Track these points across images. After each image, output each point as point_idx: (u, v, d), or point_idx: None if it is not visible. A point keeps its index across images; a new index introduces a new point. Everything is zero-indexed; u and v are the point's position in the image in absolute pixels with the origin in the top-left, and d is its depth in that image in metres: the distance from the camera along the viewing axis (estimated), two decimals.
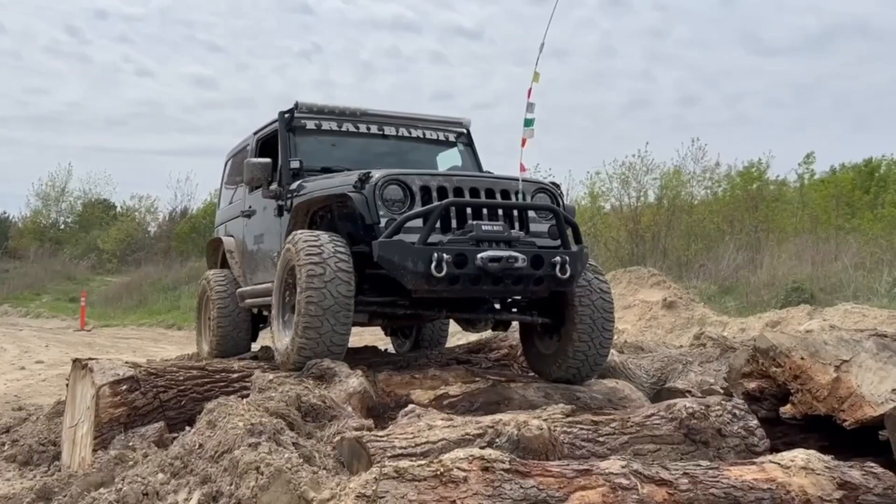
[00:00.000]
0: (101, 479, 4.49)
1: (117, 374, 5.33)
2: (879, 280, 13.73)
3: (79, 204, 39.56)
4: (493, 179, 5.41)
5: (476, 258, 4.85)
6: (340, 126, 6.52)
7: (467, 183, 5.24)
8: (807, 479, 3.53)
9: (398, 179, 5.11)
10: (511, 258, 4.91)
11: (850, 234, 16.94)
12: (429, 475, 3.11)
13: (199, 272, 24.73)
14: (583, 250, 5.28)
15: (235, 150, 7.72)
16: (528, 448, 4.00)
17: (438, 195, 5.10)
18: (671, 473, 3.40)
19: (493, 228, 5.07)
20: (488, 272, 4.88)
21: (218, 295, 7.14)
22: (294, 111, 6.40)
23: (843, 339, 4.96)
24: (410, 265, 4.79)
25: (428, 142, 6.91)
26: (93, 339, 16.24)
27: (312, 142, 6.41)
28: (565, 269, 5.05)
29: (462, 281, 4.91)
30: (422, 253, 4.80)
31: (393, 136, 6.70)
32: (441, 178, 5.21)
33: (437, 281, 4.82)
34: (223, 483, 3.76)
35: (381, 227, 4.98)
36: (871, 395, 4.57)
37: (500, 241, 5.05)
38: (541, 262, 5.02)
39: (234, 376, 5.84)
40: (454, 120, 7.11)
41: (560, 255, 5.08)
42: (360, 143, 6.58)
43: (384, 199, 5.04)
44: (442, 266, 4.78)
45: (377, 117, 6.67)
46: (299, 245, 5.01)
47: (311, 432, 4.51)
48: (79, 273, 30.99)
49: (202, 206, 32.22)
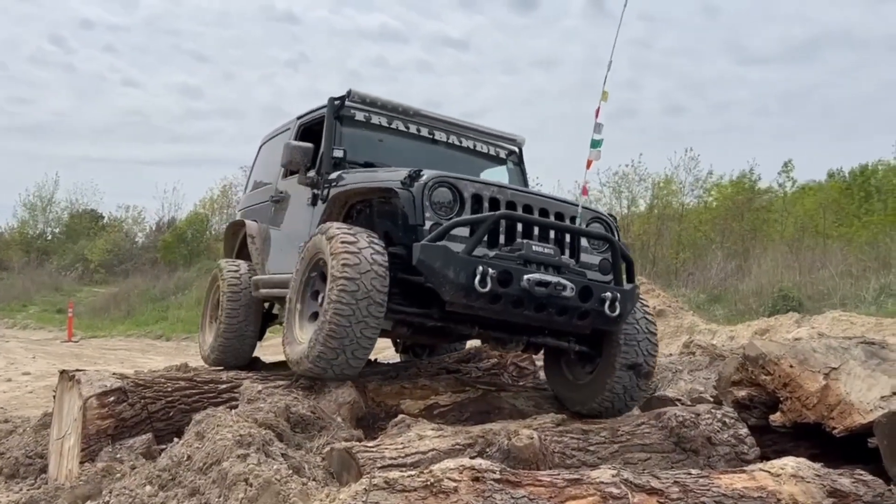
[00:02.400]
0: (89, 492, 4.46)
1: (105, 385, 5.29)
2: (866, 288, 13.80)
3: (66, 214, 39.41)
4: (548, 199, 5.05)
5: (522, 279, 4.50)
6: (390, 123, 6.18)
7: (521, 198, 4.89)
8: (797, 487, 3.54)
9: (450, 182, 4.76)
10: (559, 285, 4.56)
11: (836, 241, 17.03)
12: (419, 486, 3.10)
13: (188, 283, 24.70)
14: (635, 289, 4.95)
15: (273, 133, 7.32)
16: (519, 458, 3.99)
17: (490, 206, 4.78)
18: (662, 482, 3.40)
19: (544, 250, 4.72)
20: (533, 296, 4.53)
21: (230, 287, 6.74)
22: (345, 99, 6.04)
23: (832, 346, 4.97)
24: (452, 275, 4.44)
25: (477, 154, 6.57)
26: (80, 351, 16.14)
27: (358, 134, 6.05)
28: (615, 307, 4.72)
29: (503, 301, 4.54)
30: (466, 263, 4.44)
31: (443, 142, 6.38)
32: (494, 189, 4.84)
33: (478, 296, 4.47)
34: (212, 495, 3.74)
35: (425, 229, 4.63)
36: (859, 402, 4.58)
37: (548, 265, 4.70)
38: (589, 295, 4.67)
39: (223, 387, 5.81)
40: (509, 136, 6.78)
41: (612, 291, 4.73)
42: (408, 143, 6.24)
43: (432, 200, 4.70)
44: (486, 281, 4.42)
45: (430, 120, 6.35)
46: (332, 233, 4.67)
47: (301, 443, 4.49)
48: (66, 284, 30.82)
49: (188, 216, 32.12)
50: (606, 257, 5.04)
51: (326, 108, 6.03)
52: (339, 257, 4.49)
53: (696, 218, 21.79)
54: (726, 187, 22.17)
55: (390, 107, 6.17)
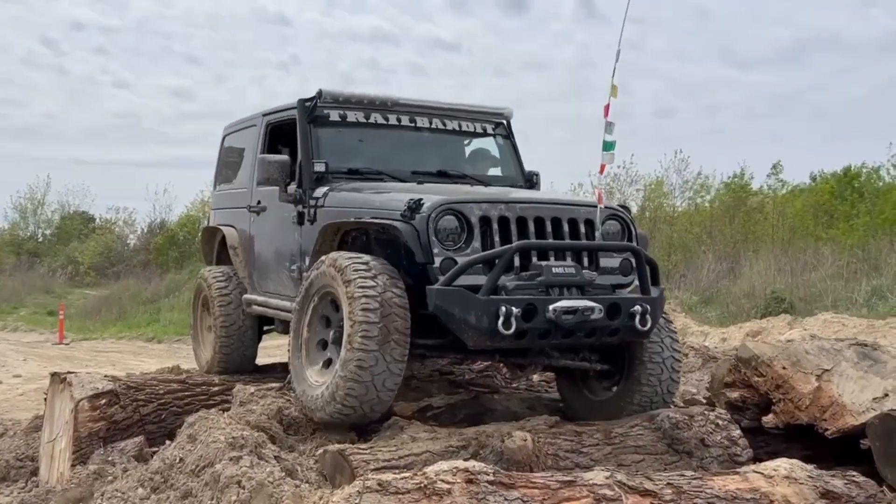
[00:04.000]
0: (80, 495, 4.44)
1: (96, 387, 5.27)
2: (858, 290, 13.85)
3: (57, 216, 39.28)
4: (559, 206, 4.73)
5: (548, 310, 4.21)
6: (368, 117, 5.73)
7: (531, 211, 4.58)
8: (790, 488, 3.54)
9: (455, 209, 4.42)
10: (587, 309, 4.27)
11: (827, 243, 17.10)
12: (412, 488, 3.09)
13: (179, 285, 24.61)
14: (662, 294, 4.70)
15: (237, 126, 6.84)
16: (512, 460, 3.99)
17: (499, 226, 4.47)
18: (655, 484, 3.40)
19: (565, 271, 4.44)
20: (560, 326, 4.24)
21: (220, 297, 6.39)
22: (317, 100, 5.59)
23: (824, 348, 4.99)
24: (473, 320, 4.13)
25: (465, 134, 6.19)
26: (71, 353, 16.07)
27: (336, 135, 5.64)
28: (645, 321, 4.45)
29: (530, 335, 4.27)
30: (487, 306, 4.13)
31: (426, 128, 5.94)
32: (503, 207, 4.52)
33: (503, 338, 4.16)
34: (204, 498, 3.73)
35: (436, 267, 4.31)
36: (852, 403, 4.59)
37: (571, 286, 4.43)
38: (618, 312, 4.40)
39: (215, 389, 5.80)
40: (494, 110, 6.32)
41: (640, 304, 4.46)
42: (390, 136, 5.84)
43: (438, 232, 4.36)
44: (510, 322, 4.12)
45: (409, 107, 5.91)
46: (348, 275, 4.31)
47: (294, 445, 4.49)
48: (57, 286, 30.68)
49: (180, 218, 32.03)
50: (627, 257, 4.79)
51: (297, 111, 5.63)
52: (358, 302, 4.18)
53: (688, 220, 21.84)
54: (720, 189, 22.24)
55: (366, 101, 5.76)
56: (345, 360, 4.19)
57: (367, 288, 4.20)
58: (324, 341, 4.65)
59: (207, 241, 7.23)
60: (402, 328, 4.19)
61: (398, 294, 4.25)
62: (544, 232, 4.57)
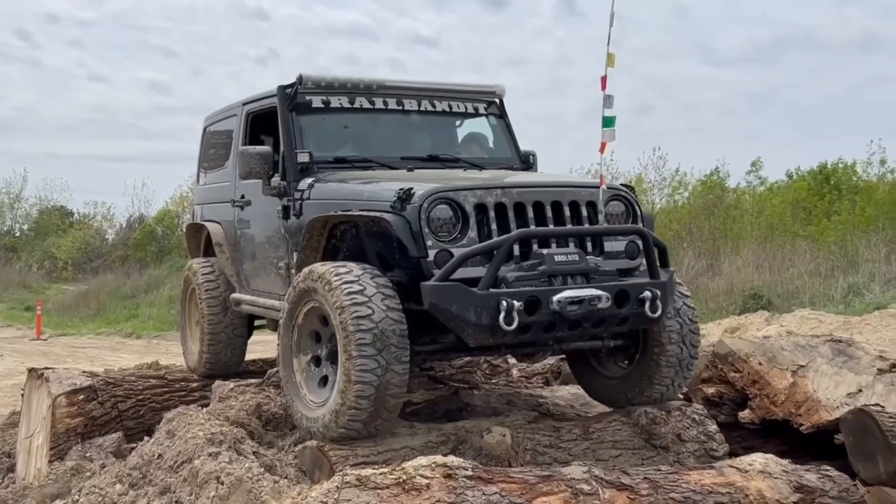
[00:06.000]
0: (58, 491, 4.43)
1: (74, 383, 5.25)
2: (835, 286, 13.97)
3: (34, 211, 38.93)
4: (559, 188, 4.47)
5: (552, 301, 3.91)
6: (353, 102, 5.42)
7: (530, 196, 4.31)
8: (764, 482, 3.59)
9: (448, 198, 4.15)
10: (593, 299, 3.98)
11: (805, 241, 17.23)
12: (391, 483, 3.10)
13: (158, 280, 24.46)
14: (672, 276, 4.41)
15: (217, 116, 6.55)
16: (491, 455, 4.01)
17: (496, 213, 4.20)
18: (632, 478, 3.44)
19: (568, 258, 4.14)
20: (565, 317, 3.96)
21: (207, 291, 6.13)
22: (298, 86, 5.27)
23: (800, 344, 5.05)
24: (473, 317, 3.85)
25: (455, 115, 5.86)
26: (49, 349, 15.94)
27: (319, 123, 5.33)
28: (655, 307, 4.15)
29: (534, 329, 3.99)
30: (487, 300, 3.84)
31: (414, 110, 5.63)
32: (499, 192, 4.25)
33: (505, 333, 3.88)
34: (183, 493, 3.73)
35: (430, 261, 4.04)
36: (826, 399, 4.65)
37: (575, 274, 4.14)
38: (626, 300, 4.11)
39: (194, 385, 5.80)
40: (485, 88, 5.97)
41: (649, 289, 4.15)
42: (376, 120, 5.54)
43: (431, 222, 4.09)
44: (512, 317, 3.83)
45: (395, 89, 5.58)
46: (331, 282, 4.04)
47: (273, 441, 4.49)
48: (34, 281, 30.40)
49: (158, 213, 31.83)
50: (633, 240, 4.51)
51: (277, 98, 5.32)
52: (348, 311, 3.90)
53: (667, 217, 21.94)
54: (697, 186, 22.35)
55: (350, 84, 5.43)
56: (343, 375, 3.91)
57: (355, 294, 3.93)
58: (317, 359, 4.38)
59: (193, 237, 6.98)
60: (400, 332, 3.92)
61: (388, 295, 3.99)
62: (544, 217, 4.31)
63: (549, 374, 6.18)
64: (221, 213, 6.21)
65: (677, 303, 4.60)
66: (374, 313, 3.88)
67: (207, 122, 6.76)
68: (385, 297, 3.97)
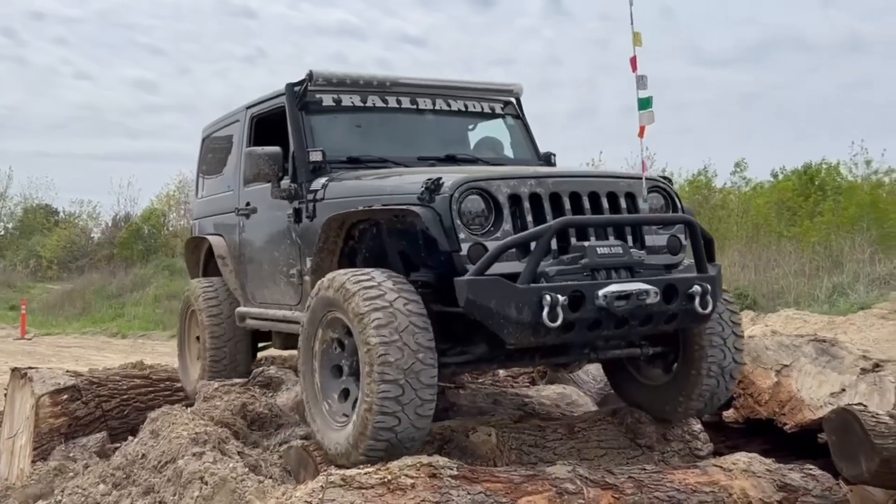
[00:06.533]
0: (41, 491, 4.41)
1: (58, 383, 5.23)
2: (819, 287, 14.04)
3: (20, 209, 38.72)
4: (595, 179, 4.18)
5: (597, 296, 3.60)
6: (365, 100, 5.17)
7: (566, 186, 4.00)
8: (748, 481, 3.61)
9: (480, 188, 3.84)
10: (642, 293, 3.67)
11: (790, 241, 17.31)
12: (376, 482, 3.10)
13: (144, 280, 24.36)
14: (720, 272, 4.10)
15: (218, 124, 6.27)
16: (476, 454, 4.02)
17: (531, 204, 3.90)
18: (616, 478, 3.45)
19: (612, 251, 3.84)
20: (612, 313, 3.64)
21: (209, 315, 5.79)
22: (308, 84, 5.01)
23: (784, 344, 5.07)
24: (514, 313, 3.54)
25: (471, 115, 5.60)
26: (33, 348, 15.87)
27: (331, 122, 5.09)
28: (706, 302, 3.84)
29: (578, 328, 3.66)
30: (529, 295, 3.53)
31: (429, 109, 5.38)
32: (533, 182, 3.94)
33: (548, 331, 3.55)
34: (166, 493, 3.71)
35: (464, 255, 3.71)
36: (810, 399, 4.68)
37: (619, 268, 3.85)
38: (675, 294, 3.80)
39: (179, 385, 5.77)
40: (503, 87, 5.74)
41: (699, 283, 3.84)
42: (390, 120, 5.28)
43: (463, 214, 3.77)
44: (556, 313, 3.50)
45: (409, 87, 5.33)
46: (349, 290, 3.71)
47: (258, 441, 4.48)
48: (19, 280, 30.24)
49: (144, 212, 31.70)
50: (675, 233, 4.21)
51: (285, 97, 5.08)
52: (367, 318, 3.58)
53: None
54: (683, 186, 22.42)
55: (362, 81, 5.17)
56: (366, 392, 3.55)
57: (374, 299, 3.62)
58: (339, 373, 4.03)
59: (192, 253, 6.64)
60: (426, 341, 3.58)
61: (412, 300, 3.67)
62: (581, 208, 4.00)
63: (534, 374, 6.19)
64: (224, 224, 5.95)
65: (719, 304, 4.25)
66: (395, 321, 3.57)
67: (206, 132, 6.51)
68: (407, 301, 3.66)
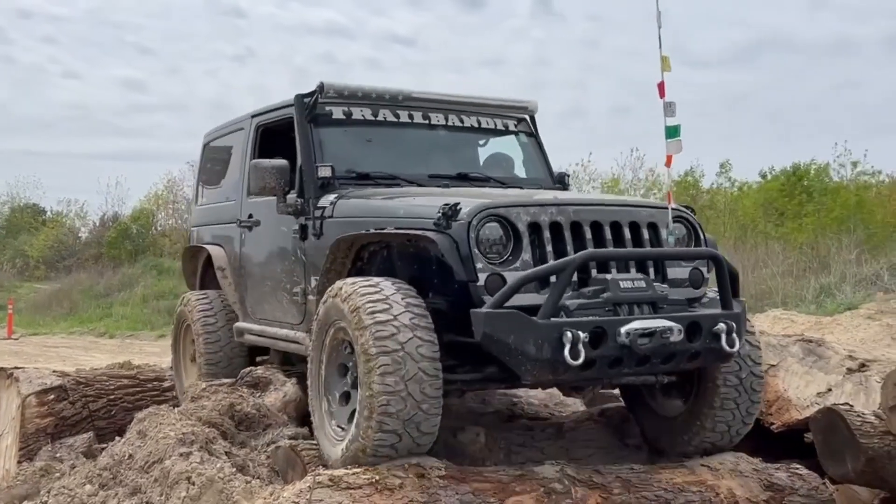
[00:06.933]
0: (26, 492, 4.38)
1: (44, 383, 5.21)
2: (807, 287, 14.11)
3: (6, 209, 38.52)
4: (618, 208, 4.00)
5: (619, 333, 3.43)
6: (376, 114, 5.03)
7: (587, 215, 3.82)
8: (735, 481, 3.63)
9: (499, 215, 3.68)
10: (666, 330, 3.50)
11: (777, 242, 17.38)
12: (364, 483, 3.10)
13: (132, 279, 24.27)
14: (745, 308, 3.93)
15: (221, 131, 6.11)
16: (465, 454, 4.02)
17: (551, 233, 3.73)
18: (604, 477, 3.46)
19: (634, 285, 3.68)
20: (635, 351, 3.47)
21: (205, 329, 5.62)
22: (318, 95, 4.85)
23: (771, 344, 5.09)
24: (533, 350, 3.38)
25: (484, 132, 5.46)
26: (20, 348, 15.80)
27: (341, 136, 4.94)
28: (732, 341, 3.65)
29: (598, 365, 3.49)
30: (549, 331, 3.37)
31: (441, 125, 5.24)
32: (553, 211, 3.78)
33: (568, 369, 3.38)
34: (153, 494, 3.70)
35: (481, 285, 3.55)
36: (797, 399, 4.70)
37: (642, 303, 3.67)
38: (698, 332, 3.62)
39: (167, 385, 5.76)
40: (517, 104, 5.58)
41: (724, 321, 3.66)
42: (401, 135, 5.16)
43: (481, 242, 3.61)
44: (578, 350, 3.34)
45: (421, 101, 5.19)
46: (354, 302, 3.58)
47: (245, 441, 4.46)
48: (6, 280, 30.08)
49: (133, 212, 31.57)
50: (698, 266, 4.06)
51: (294, 108, 4.92)
52: (369, 330, 3.45)
53: None
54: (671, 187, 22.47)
55: (374, 95, 5.04)
56: (365, 406, 3.42)
57: (378, 312, 3.49)
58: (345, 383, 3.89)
59: (189, 262, 6.42)
60: (430, 353, 3.44)
61: (418, 313, 3.53)
62: (603, 239, 3.84)
63: None
64: (224, 235, 5.78)
65: None
66: (398, 333, 3.44)
67: (208, 138, 6.35)
68: (414, 315, 3.52)
